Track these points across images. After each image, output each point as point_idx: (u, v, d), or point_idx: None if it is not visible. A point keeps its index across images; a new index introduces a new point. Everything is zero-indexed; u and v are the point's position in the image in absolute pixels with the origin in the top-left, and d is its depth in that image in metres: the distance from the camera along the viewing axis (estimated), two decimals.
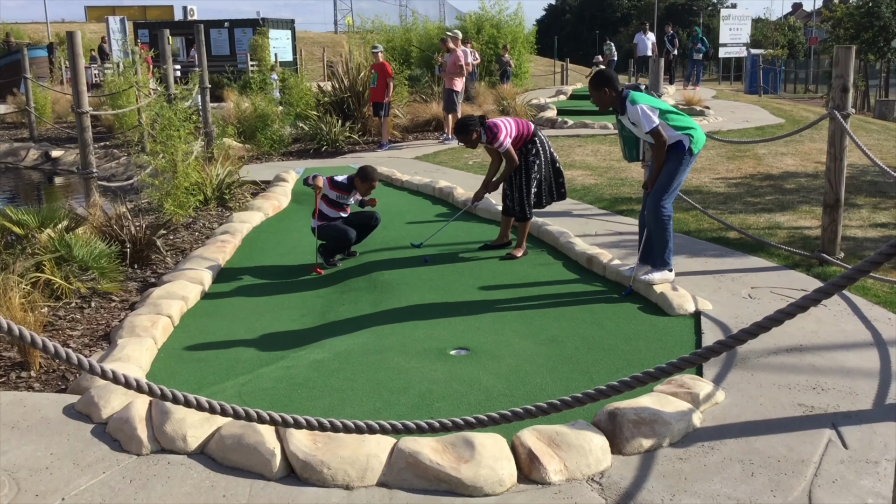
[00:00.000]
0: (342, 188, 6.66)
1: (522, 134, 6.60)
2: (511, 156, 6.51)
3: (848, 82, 5.93)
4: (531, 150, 6.58)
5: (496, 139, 6.46)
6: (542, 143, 6.68)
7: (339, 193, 6.66)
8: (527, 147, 6.59)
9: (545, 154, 6.70)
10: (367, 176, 6.63)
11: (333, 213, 6.73)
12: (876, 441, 3.50)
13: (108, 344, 4.92)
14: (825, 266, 6.09)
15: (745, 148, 12.15)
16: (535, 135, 6.64)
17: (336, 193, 6.65)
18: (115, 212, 7.17)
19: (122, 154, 14.91)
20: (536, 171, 6.61)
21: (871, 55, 29.77)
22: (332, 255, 6.73)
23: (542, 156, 6.64)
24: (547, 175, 6.73)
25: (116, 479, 3.29)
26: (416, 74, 20.21)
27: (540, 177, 6.66)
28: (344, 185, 6.66)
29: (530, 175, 6.59)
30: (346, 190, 6.66)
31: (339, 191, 6.65)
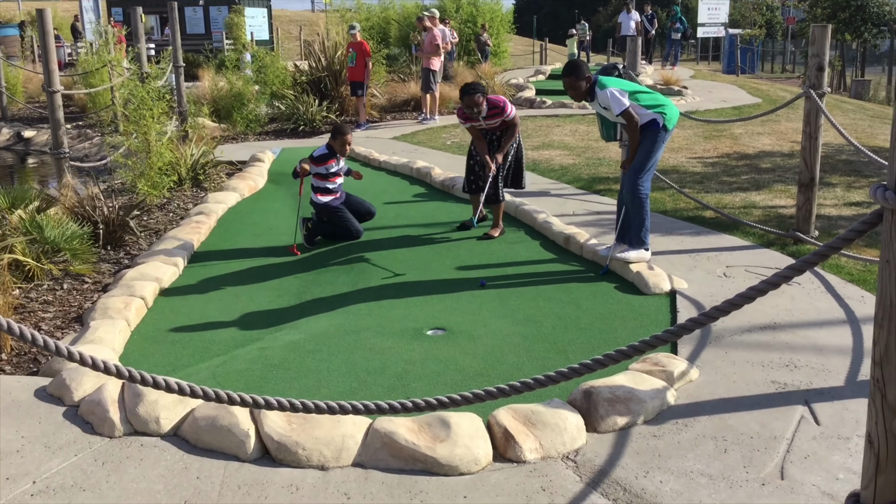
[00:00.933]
0: (324, 157, 6.65)
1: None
2: (516, 127, 6.54)
3: (824, 61, 5.94)
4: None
5: (505, 111, 6.42)
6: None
7: (325, 164, 6.63)
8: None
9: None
10: (337, 131, 6.67)
11: (332, 185, 6.70)
12: (848, 417, 3.53)
13: (80, 326, 4.86)
14: (799, 244, 6.13)
15: (721, 127, 12.19)
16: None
17: (323, 166, 6.62)
18: (88, 192, 7.07)
19: (95, 134, 14.70)
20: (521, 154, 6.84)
21: (847, 35, 29.94)
22: (315, 236, 6.70)
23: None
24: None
25: (88, 461, 3.25)
26: (394, 53, 20.07)
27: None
28: (324, 153, 6.67)
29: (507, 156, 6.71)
30: (329, 158, 6.65)
31: (323, 162, 6.63)
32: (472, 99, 6.30)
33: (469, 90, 6.35)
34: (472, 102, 6.31)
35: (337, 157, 6.70)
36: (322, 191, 6.70)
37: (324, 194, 6.70)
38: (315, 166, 6.63)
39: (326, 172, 6.66)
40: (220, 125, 13.61)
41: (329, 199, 6.70)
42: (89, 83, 15.09)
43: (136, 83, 8.67)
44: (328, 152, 6.67)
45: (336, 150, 6.67)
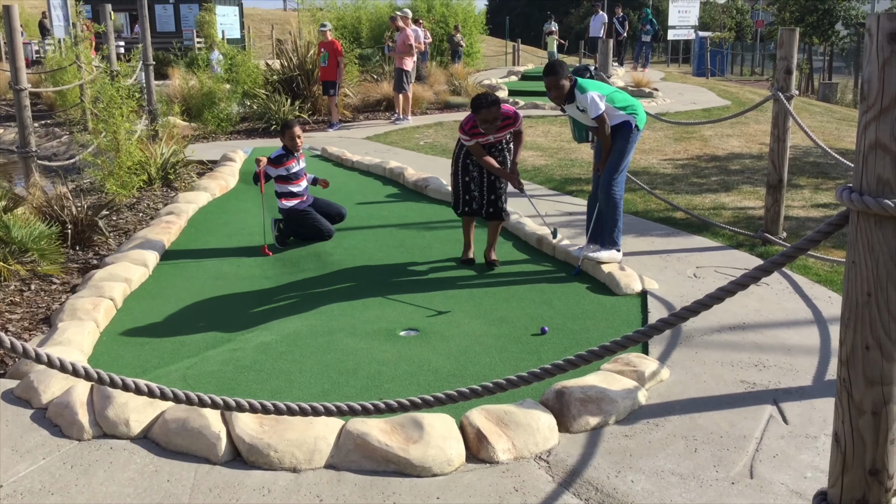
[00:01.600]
0: (280, 158, 6.60)
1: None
2: (523, 134, 5.91)
3: (792, 64, 6.02)
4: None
5: (517, 121, 5.73)
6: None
7: (284, 166, 6.57)
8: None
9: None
10: (283, 126, 6.62)
11: (296, 188, 6.63)
12: (815, 416, 3.58)
13: (48, 327, 4.79)
14: (768, 245, 6.21)
15: (691, 129, 12.31)
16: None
17: (282, 167, 6.56)
18: (57, 192, 6.98)
19: (63, 133, 14.51)
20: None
21: (815, 38, 30.34)
22: (287, 237, 6.66)
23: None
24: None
25: (57, 464, 3.21)
26: (367, 53, 20.02)
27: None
28: (281, 154, 6.62)
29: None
30: (286, 158, 6.60)
31: (281, 163, 6.57)
32: (492, 112, 5.43)
33: (487, 102, 5.43)
34: (492, 116, 5.44)
35: (295, 156, 6.65)
36: (287, 195, 6.63)
37: (289, 199, 6.64)
38: (275, 169, 6.57)
39: (287, 174, 6.60)
40: (191, 124, 13.49)
41: (295, 203, 6.64)
42: (58, 81, 14.88)
43: (105, 81, 8.57)
44: (284, 152, 6.62)
45: (289, 147, 6.60)
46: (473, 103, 5.48)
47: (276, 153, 6.65)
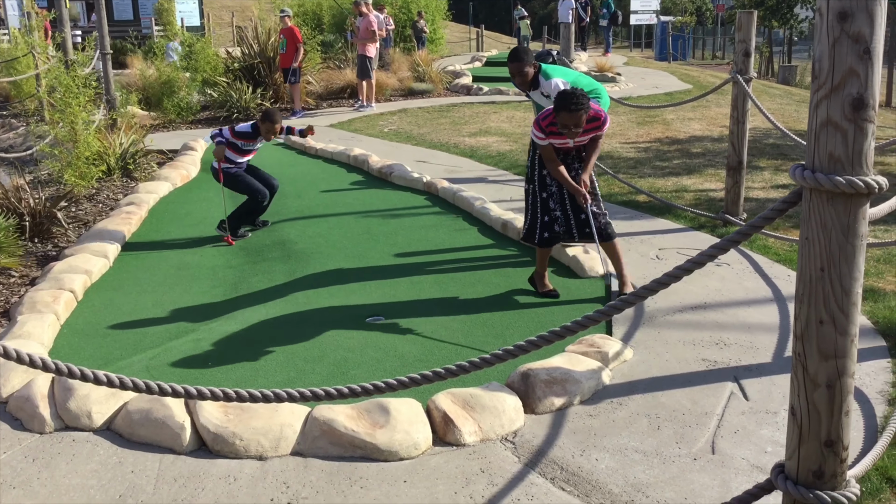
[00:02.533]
0: (246, 135, 6.39)
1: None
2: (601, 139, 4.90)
3: (750, 47, 6.09)
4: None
5: (605, 124, 4.76)
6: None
7: (244, 142, 6.39)
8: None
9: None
10: (267, 116, 6.32)
11: (239, 159, 6.49)
12: (775, 392, 3.65)
13: (7, 321, 4.71)
14: (728, 226, 6.29)
15: (654, 113, 12.40)
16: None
17: (241, 142, 6.38)
18: (13, 184, 6.84)
19: (20, 124, 14.21)
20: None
21: (774, 22, 30.71)
22: (239, 227, 6.56)
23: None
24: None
25: (18, 458, 3.17)
26: (329, 40, 19.85)
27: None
28: (248, 132, 6.39)
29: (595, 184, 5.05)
30: (251, 137, 6.41)
31: (244, 139, 6.39)
32: (577, 118, 4.45)
33: (576, 104, 4.41)
34: (576, 122, 4.47)
35: (259, 139, 6.46)
36: (228, 160, 6.44)
37: (228, 163, 6.46)
38: (234, 139, 6.36)
39: (242, 148, 6.43)
40: (150, 113, 13.29)
41: (228, 167, 6.47)
42: (12, 71, 14.57)
43: (61, 70, 8.41)
44: (252, 132, 6.40)
45: (262, 132, 6.40)
46: (559, 100, 4.46)
47: (243, 128, 6.40)
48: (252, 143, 6.47)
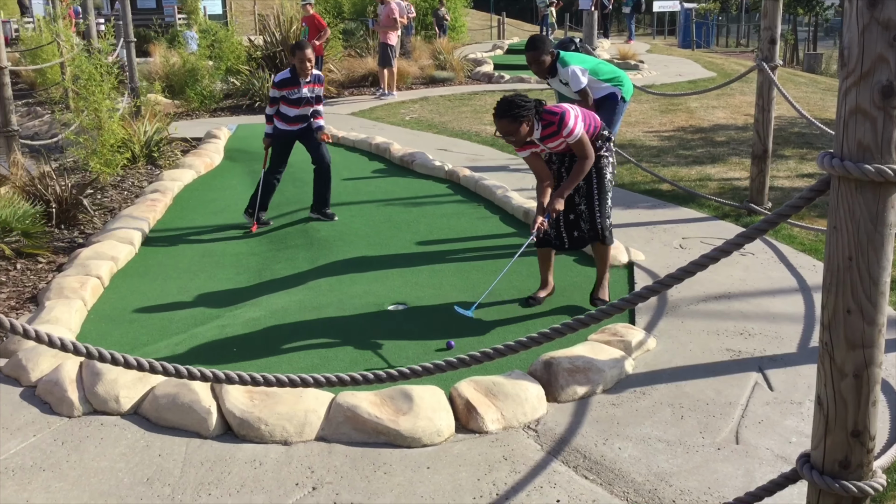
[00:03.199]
0: (284, 82, 6.25)
1: (591, 124, 4.48)
2: (584, 148, 4.33)
3: (776, 34, 6.03)
4: (602, 147, 4.54)
5: (564, 125, 4.27)
6: (611, 138, 4.67)
7: (288, 90, 6.24)
8: (596, 143, 4.52)
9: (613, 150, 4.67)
10: (294, 47, 6.27)
11: (288, 111, 6.31)
12: (800, 383, 3.63)
13: (35, 307, 4.78)
14: (753, 216, 6.25)
15: (677, 101, 12.31)
16: (605, 126, 4.62)
17: (286, 91, 6.24)
18: (40, 171, 6.92)
19: (45, 112, 14.36)
20: (612, 176, 4.63)
21: (800, 9, 30.33)
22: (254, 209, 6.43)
23: (614, 153, 4.67)
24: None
25: (48, 441, 3.22)
26: (351, 28, 19.86)
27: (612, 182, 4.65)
28: (286, 77, 6.28)
29: (603, 180, 4.53)
30: (290, 83, 6.25)
31: (287, 86, 6.24)
32: (503, 125, 4.22)
33: (499, 109, 4.22)
34: (504, 129, 4.24)
35: (300, 83, 6.26)
36: (279, 116, 6.34)
37: (279, 119, 6.35)
38: (277, 91, 6.27)
39: (290, 98, 6.27)
40: (174, 101, 13.38)
41: (281, 125, 6.35)
42: (38, 59, 14.71)
43: (84, 58, 8.48)
44: (290, 76, 6.26)
45: (297, 70, 6.23)
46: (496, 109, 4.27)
47: (282, 75, 6.31)
48: (297, 90, 6.28)
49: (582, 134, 4.31)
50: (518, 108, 4.18)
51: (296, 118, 6.37)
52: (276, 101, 6.34)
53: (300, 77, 6.27)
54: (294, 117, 6.37)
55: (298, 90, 6.29)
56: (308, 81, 6.32)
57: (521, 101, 4.21)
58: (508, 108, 4.18)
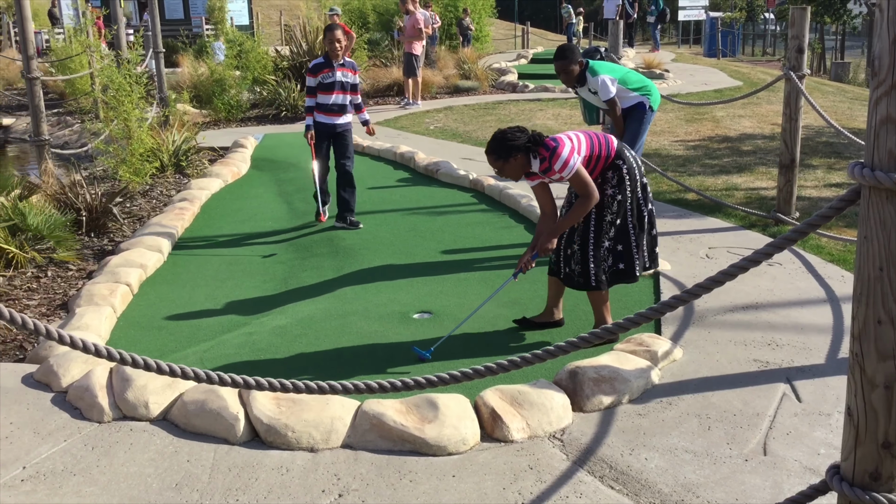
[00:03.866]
0: (318, 67, 6.48)
1: (599, 154, 4.13)
2: (584, 187, 4.03)
3: (803, 43, 5.99)
4: (611, 179, 4.14)
5: (556, 159, 3.99)
6: (630, 170, 4.17)
7: (322, 74, 6.44)
8: (605, 175, 4.15)
9: (633, 186, 4.17)
10: (325, 30, 6.57)
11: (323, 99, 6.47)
12: (829, 394, 3.60)
13: (65, 313, 4.85)
14: (781, 226, 6.20)
15: (703, 110, 12.25)
16: (618, 155, 4.18)
17: (320, 76, 6.44)
18: (70, 179, 7.03)
19: (75, 121, 14.58)
20: (615, 214, 4.16)
21: (827, 18, 30.06)
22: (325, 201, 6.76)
23: (627, 190, 4.15)
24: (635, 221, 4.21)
25: (78, 446, 3.26)
26: (376, 38, 19.98)
27: (624, 223, 4.19)
28: (319, 62, 6.51)
29: (602, 222, 4.15)
30: (323, 67, 6.46)
31: (321, 70, 6.45)
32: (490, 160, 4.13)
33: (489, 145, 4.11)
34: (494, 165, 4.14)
35: (333, 66, 6.44)
36: (317, 106, 6.53)
37: (318, 111, 6.53)
38: (312, 78, 6.48)
39: (324, 83, 6.46)
40: (202, 111, 13.53)
41: (319, 118, 6.52)
42: (67, 69, 14.93)
43: (113, 68, 8.60)
44: (323, 60, 6.49)
45: (328, 51, 6.45)
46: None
47: (316, 61, 6.52)
48: (331, 73, 6.45)
49: (578, 169, 3.99)
50: (504, 144, 4.03)
51: (335, 107, 6.51)
52: (313, 90, 6.51)
53: (333, 60, 6.44)
54: (333, 105, 6.50)
55: (332, 73, 6.44)
56: (341, 65, 6.50)
57: (511, 135, 4.04)
58: (494, 144, 4.07)
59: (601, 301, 4.26)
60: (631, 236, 4.19)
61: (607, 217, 4.14)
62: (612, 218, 4.15)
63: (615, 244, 4.19)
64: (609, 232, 4.16)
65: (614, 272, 4.22)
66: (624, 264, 4.21)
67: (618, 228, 4.18)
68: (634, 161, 4.20)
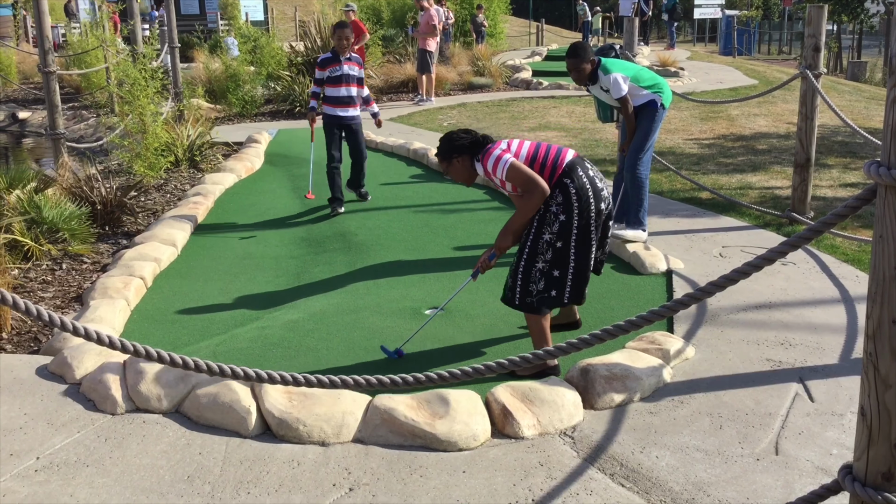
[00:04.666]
0: (326, 62, 6.78)
1: (544, 163, 3.82)
2: (525, 181, 3.75)
3: (820, 42, 5.95)
4: (556, 196, 3.78)
5: (488, 157, 3.85)
6: (580, 191, 3.77)
7: (330, 68, 6.75)
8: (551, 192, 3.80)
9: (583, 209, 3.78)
10: (335, 27, 6.83)
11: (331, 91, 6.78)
12: (841, 394, 3.58)
13: (80, 306, 4.88)
14: (795, 225, 6.17)
15: (718, 109, 12.20)
16: (567, 173, 3.79)
17: (328, 70, 6.74)
18: (85, 173, 7.07)
19: (90, 115, 14.66)
20: (555, 235, 3.78)
21: (844, 16, 29.87)
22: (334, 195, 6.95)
23: (574, 212, 3.76)
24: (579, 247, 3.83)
25: (91, 437, 3.29)
26: (390, 34, 19.99)
27: (566, 247, 3.80)
28: (327, 57, 6.81)
29: (539, 240, 3.80)
30: (331, 62, 6.77)
31: (328, 65, 6.75)
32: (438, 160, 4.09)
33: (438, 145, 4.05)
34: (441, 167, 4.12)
35: (341, 60, 6.75)
36: (325, 100, 6.82)
37: (327, 103, 6.82)
38: (320, 71, 6.77)
39: (332, 76, 6.76)
40: (216, 106, 13.58)
41: (327, 109, 6.83)
42: (84, 64, 15.02)
43: (128, 64, 8.65)
44: (331, 55, 6.79)
45: (337, 48, 6.75)
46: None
47: (323, 55, 6.84)
48: (338, 67, 6.75)
49: (511, 164, 3.74)
50: (446, 145, 3.96)
51: (342, 99, 6.81)
52: (320, 81, 6.88)
53: (340, 55, 6.76)
54: (341, 98, 6.80)
55: (339, 67, 6.76)
56: (348, 59, 6.81)
57: (455, 136, 3.95)
58: (439, 144, 4.01)
59: (536, 325, 3.88)
60: (570, 264, 3.80)
61: (545, 236, 3.77)
62: (550, 238, 3.77)
63: (551, 268, 3.79)
64: (546, 253, 3.78)
65: (542, 298, 3.82)
66: (556, 291, 3.82)
67: (557, 251, 3.78)
68: (590, 184, 3.78)
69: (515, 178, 3.77)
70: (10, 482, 2.98)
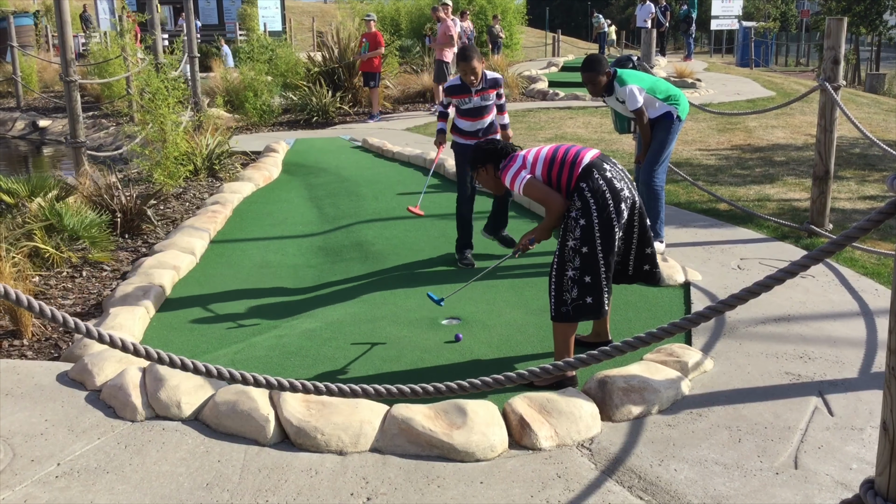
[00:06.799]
0: (452, 89, 5.71)
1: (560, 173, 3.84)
2: (542, 199, 3.87)
3: (839, 54, 5.93)
4: (575, 202, 3.77)
5: (505, 174, 3.98)
6: (595, 192, 3.74)
7: (458, 98, 5.69)
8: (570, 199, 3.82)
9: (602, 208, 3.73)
10: (461, 55, 5.61)
11: (463, 124, 5.80)
12: (861, 408, 3.56)
13: (100, 313, 4.92)
14: (814, 237, 6.14)
15: (735, 120, 12.16)
16: (583, 177, 3.78)
17: (456, 99, 5.70)
18: (105, 181, 7.14)
19: (110, 124, 14.80)
20: (578, 240, 3.75)
21: (862, 28, 29.70)
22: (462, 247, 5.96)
23: (593, 214, 3.72)
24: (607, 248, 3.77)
25: (111, 444, 3.31)
26: (407, 45, 20.07)
27: (592, 251, 3.73)
28: (455, 84, 5.72)
29: (564, 248, 3.79)
30: (458, 91, 5.69)
31: (457, 94, 5.69)
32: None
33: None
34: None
35: (471, 91, 5.66)
36: (454, 130, 5.89)
37: (455, 133, 5.88)
38: (446, 97, 5.82)
39: (462, 108, 5.74)
40: (234, 115, 13.67)
41: (459, 140, 5.86)
42: (104, 73, 15.16)
43: (151, 73, 8.73)
44: (460, 83, 5.69)
45: (461, 73, 5.62)
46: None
47: (452, 81, 5.78)
48: (467, 98, 5.69)
49: (527, 183, 3.85)
50: (476, 154, 4.16)
51: (472, 132, 5.84)
52: (447, 104, 5.95)
53: (470, 87, 5.69)
54: (470, 132, 5.83)
55: (469, 99, 5.71)
56: (480, 89, 5.71)
57: (480, 146, 4.16)
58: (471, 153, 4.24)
59: (561, 334, 3.85)
60: (600, 266, 3.74)
61: (570, 243, 3.75)
62: (574, 244, 3.74)
63: (581, 275, 3.74)
64: (573, 260, 3.75)
65: (578, 306, 3.77)
66: (592, 298, 3.76)
67: (584, 257, 3.73)
68: (608, 185, 3.75)
69: (532, 196, 3.91)
70: (31, 488, 3.01)
